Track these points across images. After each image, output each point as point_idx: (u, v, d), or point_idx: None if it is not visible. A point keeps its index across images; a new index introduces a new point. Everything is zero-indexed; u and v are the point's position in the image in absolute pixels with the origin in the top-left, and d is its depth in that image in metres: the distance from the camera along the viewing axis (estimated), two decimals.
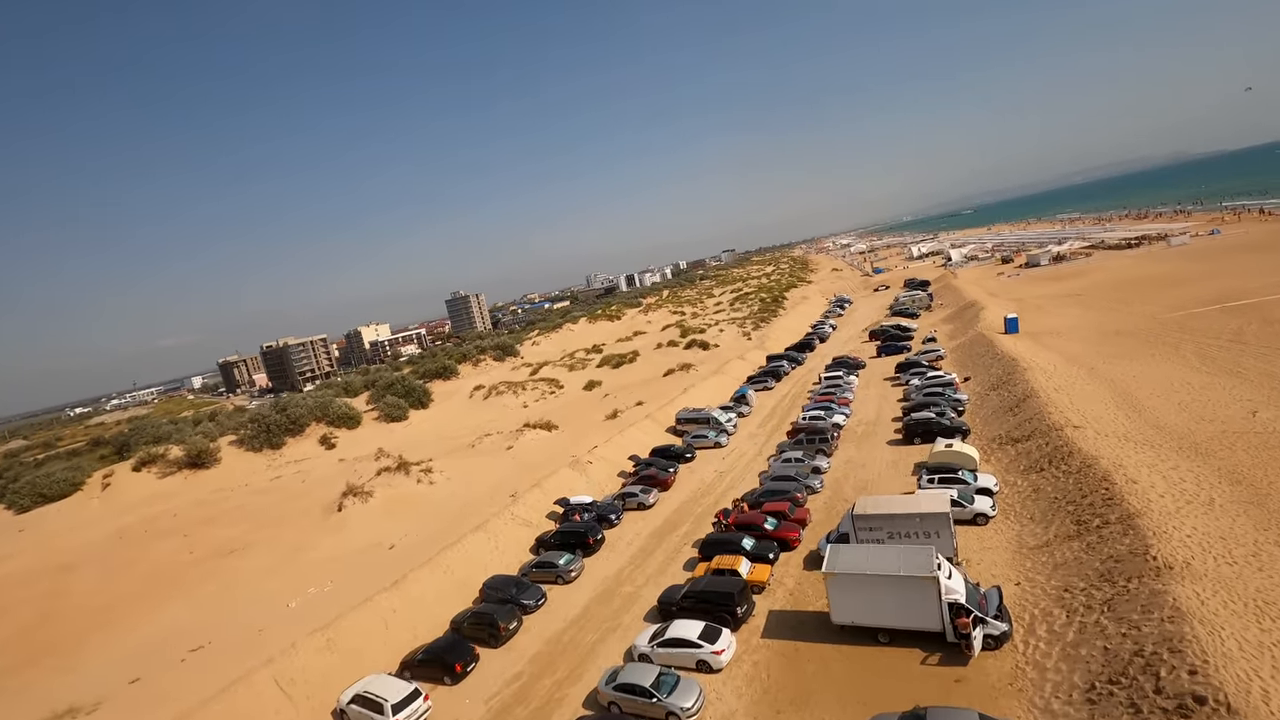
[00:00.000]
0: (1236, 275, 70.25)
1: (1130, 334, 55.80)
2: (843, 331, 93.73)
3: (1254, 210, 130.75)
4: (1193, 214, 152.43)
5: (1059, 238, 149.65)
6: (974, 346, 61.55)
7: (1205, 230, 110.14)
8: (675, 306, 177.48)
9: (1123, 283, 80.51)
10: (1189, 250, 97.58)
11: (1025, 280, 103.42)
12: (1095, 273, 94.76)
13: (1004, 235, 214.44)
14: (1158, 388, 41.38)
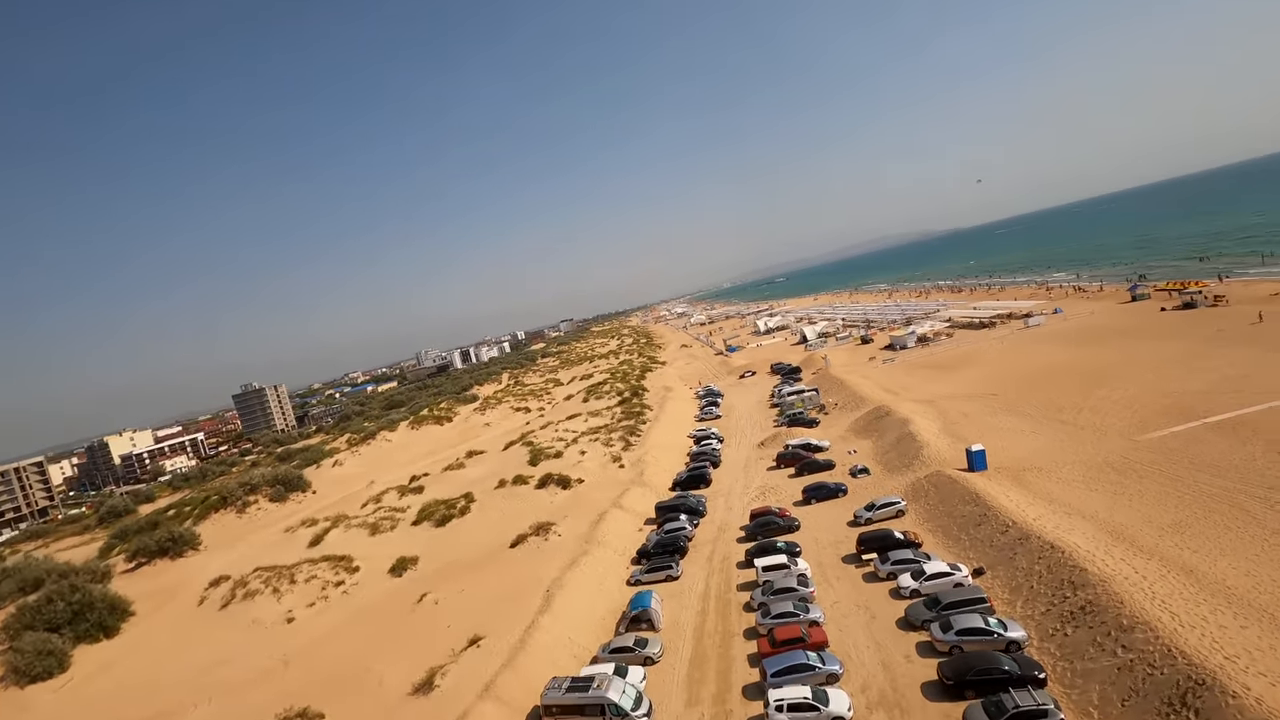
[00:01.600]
0: (1151, 369, 63.39)
1: (1133, 472, 42.72)
2: (734, 446, 75.98)
3: (1068, 286, 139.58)
4: (1007, 288, 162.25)
5: (904, 313, 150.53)
6: (942, 496, 45.33)
7: (1049, 309, 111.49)
8: (518, 400, 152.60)
9: (1029, 377, 71.95)
10: (1052, 333, 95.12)
11: (905, 369, 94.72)
12: (979, 360, 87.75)
13: (836, 308, 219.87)
14: None
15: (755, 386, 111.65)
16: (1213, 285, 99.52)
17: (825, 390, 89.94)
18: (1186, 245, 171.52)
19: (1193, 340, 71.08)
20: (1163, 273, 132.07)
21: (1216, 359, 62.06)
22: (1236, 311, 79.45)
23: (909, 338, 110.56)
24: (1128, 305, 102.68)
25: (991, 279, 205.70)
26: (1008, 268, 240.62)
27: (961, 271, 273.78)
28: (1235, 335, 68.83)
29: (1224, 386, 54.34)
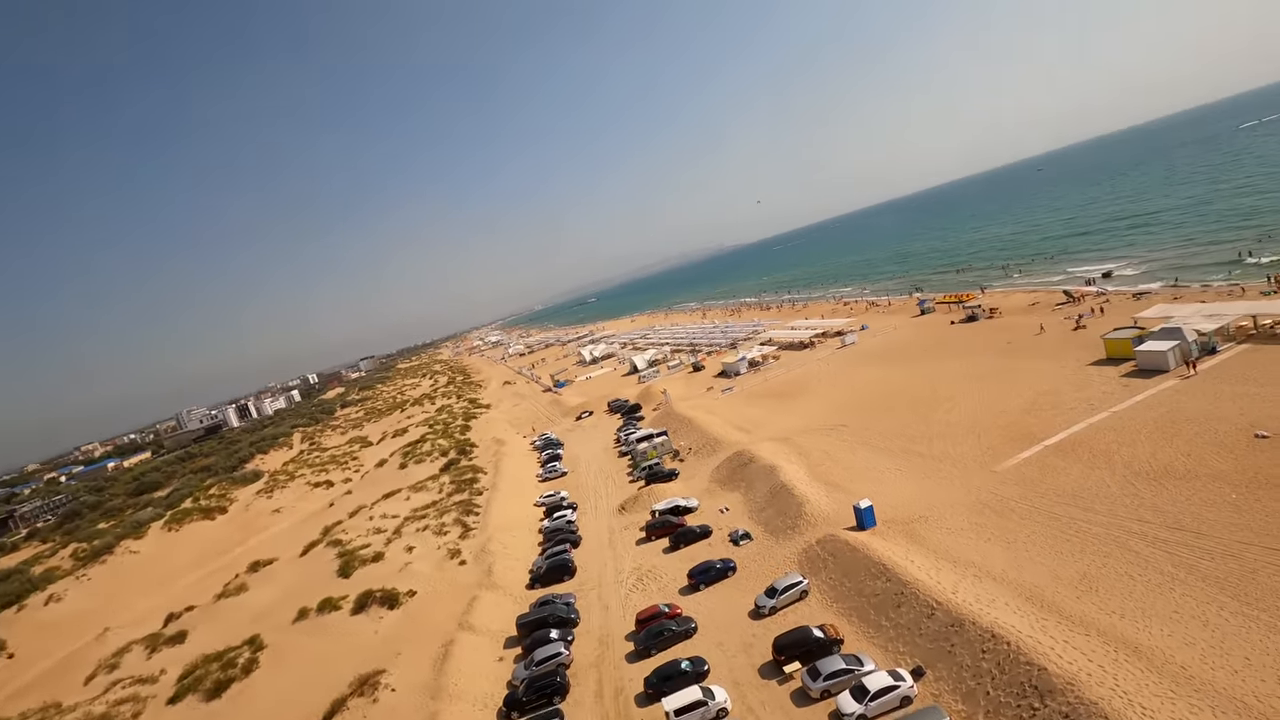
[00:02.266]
0: (972, 388, 67.41)
1: (1011, 513, 42.10)
2: (591, 514, 67.29)
3: (863, 301, 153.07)
4: (810, 304, 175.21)
5: (725, 334, 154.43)
6: (844, 569, 41.04)
7: (857, 325, 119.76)
8: (316, 472, 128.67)
9: (868, 403, 73.49)
10: (867, 351, 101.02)
11: (746, 399, 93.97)
12: (814, 385, 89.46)
13: (658, 330, 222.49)
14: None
15: (596, 430, 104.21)
16: (980, 297, 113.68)
17: (673, 430, 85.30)
18: (938, 259, 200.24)
19: (992, 355, 77.98)
20: (932, 285, 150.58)
21: (1022, 373, 67.62)
22: (1012, 324, 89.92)
23: (741, 364, 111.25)
24: (920, 319, 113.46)
25: (791, 294, 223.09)
26: (798, 283, 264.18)
27: (760, 288, 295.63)
28: (1025, 348, 76.64)
29: (1041, 403, 58.32)
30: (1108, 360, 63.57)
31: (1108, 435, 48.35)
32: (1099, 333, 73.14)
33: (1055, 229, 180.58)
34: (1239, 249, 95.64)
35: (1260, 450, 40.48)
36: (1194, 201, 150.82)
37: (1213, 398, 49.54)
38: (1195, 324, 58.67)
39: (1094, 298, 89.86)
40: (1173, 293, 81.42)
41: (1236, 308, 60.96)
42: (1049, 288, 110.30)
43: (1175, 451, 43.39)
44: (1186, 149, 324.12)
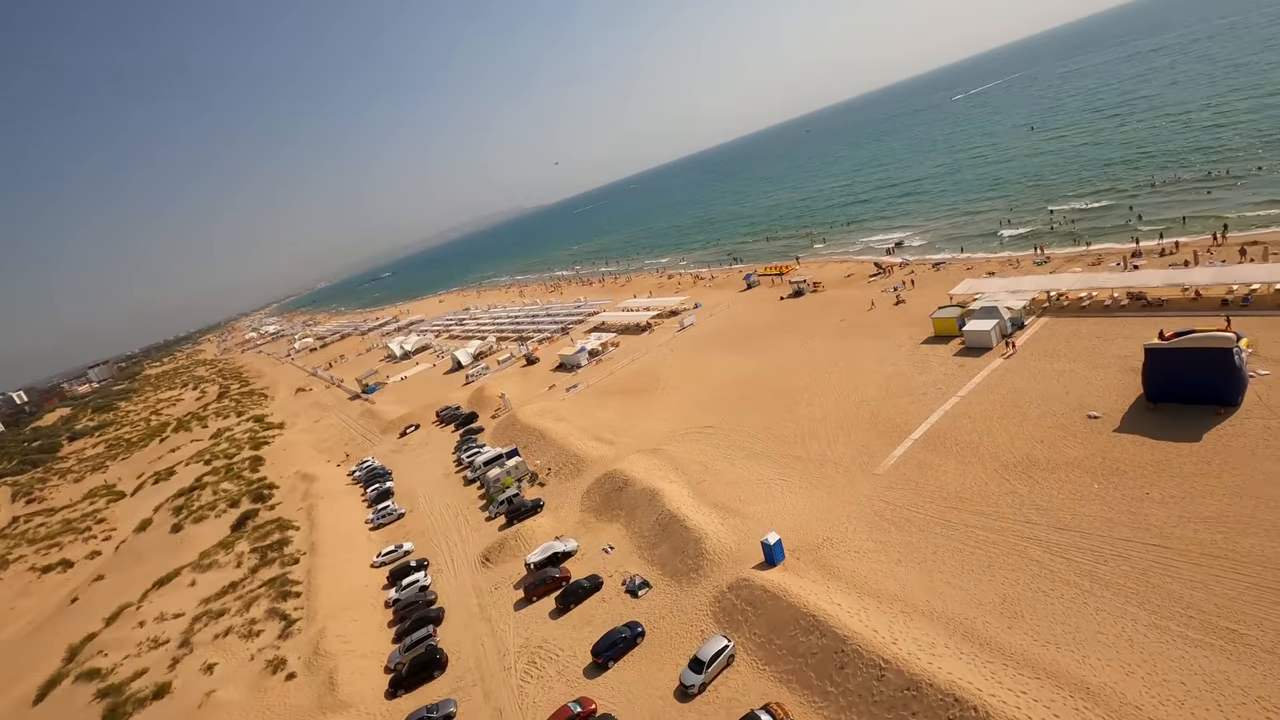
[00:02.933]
0: (824, 375, 68.79)
1: (910, 525, 41.90)
2: (450, 572, 57.27)
3: (687, 274, 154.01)
4: (634, 278, 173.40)
5: (551, 316, 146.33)
6: (768, 621, 37.52)
7: (690, 304, 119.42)
8: (41, 549, 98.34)
9: (727, 398, 71.95)
10: (709, 334, 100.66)
11: (596, 397, 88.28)
12: (665, 379, 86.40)
13: (475, 312, 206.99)
14: None
15: (428, 449, 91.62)
16: (798, 269, 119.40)
17: (523, 446, 77.03)
18: (742, 225, 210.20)
19: (831, 335, 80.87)
20: (747, 254, 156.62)
21: (865, 356, 70.36)
22: (838, 300, 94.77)
23: (580, 355, 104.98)
24: (748, 294, 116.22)
25: (610, 266, 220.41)
26: (610, 252, 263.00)
27: (574, 258, 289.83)
28: (859, 326, 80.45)
29: (893, 388, 60.58)
30: (936, 338, 68.24)
31: (965, 425, 50.77)
32: (918, 307, 78.99)
33: (838, 195, 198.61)
34: (998, 219, 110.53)
35: (1097, 433, 44.44)
36: (945, 170, 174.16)
37: (1037, 376, 54.42)
38: (1006, 301, 64.60)
39: (901, 269, 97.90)
40: (964, 263, 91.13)
41: (1032, 282, 68.55)
42: (852, 257, 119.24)
43: (1029, 439, 46.38)
44: (921, 116, 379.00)
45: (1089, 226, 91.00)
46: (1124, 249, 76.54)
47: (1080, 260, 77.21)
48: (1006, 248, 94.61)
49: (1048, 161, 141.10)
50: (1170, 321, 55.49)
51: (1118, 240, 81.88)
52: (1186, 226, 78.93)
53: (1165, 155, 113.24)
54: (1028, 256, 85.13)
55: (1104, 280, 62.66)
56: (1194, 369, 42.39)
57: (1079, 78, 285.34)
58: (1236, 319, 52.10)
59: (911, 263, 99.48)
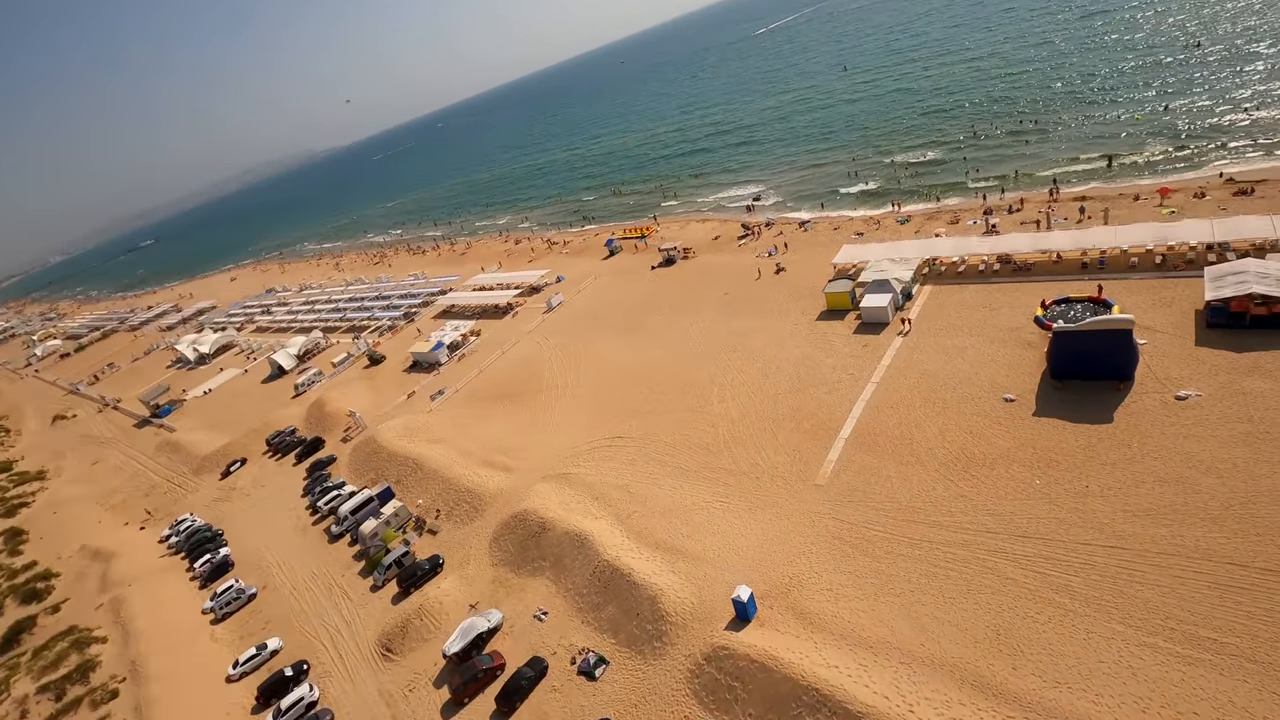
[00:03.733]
0: (728, 362, 65.52)
1: (875, 549, 40.09)
2: (338, 677, 46.57)
3: (537, 236, 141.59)
4: (473, 244, 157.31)
5: (384, 296, 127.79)
6: (759, 694, 33.47)
7: (552, 277, 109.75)
8: None
9: (626, 398, 66.14)
10: (583, 315, 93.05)
11: (469, 405, 77.72)
12: (544, 374, 78.04)
13: (284, 294, 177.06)
14: None
15: (265, 493, 75.57)
16: (658, 230, 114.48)
17: (398, 481, 65.76)
18: (579, 176, 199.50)
19: (718, 312, 77.51)
20: (595, 211, 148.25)
21: (762, 338, 67.93)
22: (714, 268, 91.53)
23: (439, 352, 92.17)
24: (613, 262, 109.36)
25: (440, 228, 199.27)
26: (433, 210, 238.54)
27: (389, 219, 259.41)
28: (746, 301, 77.84)
29: (805, 378, 58.75)
30: (830, 313, 67.50)
31: (890, 418, 50.04)
32: (800, 276, 78.11)
33: (673, 142, 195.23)
34: (843, 171, 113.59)
35: (1017, 418, 45.56)
36: (775, 116, 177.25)
37: (941, 354, 55.26)
38: (893, 271, 65.03)
39: (767, 229, 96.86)
40: (830, 223, 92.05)
41: (910, 249, 69.85)
42: (712, 215, 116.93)
43: (957, 430, 46.55)
44: (732, 51, 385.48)
45: (932, 182, 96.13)
46: (974, 205, 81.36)
47: (939, 218, 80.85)
48: (861, 204, 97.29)
49: (868, 109, 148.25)
50: (1042, 288, 59.04)
51: (963, 196, 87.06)
52: (1019, 181, 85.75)
53: (974, 106, 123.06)
54: (888, 215, 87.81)
55: (976, 246, 65.16)
56: (1097, 348, 44.43)
57: (872, 14, 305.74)
58: (1097, 282, 56.47)
59: (776, 222, 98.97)
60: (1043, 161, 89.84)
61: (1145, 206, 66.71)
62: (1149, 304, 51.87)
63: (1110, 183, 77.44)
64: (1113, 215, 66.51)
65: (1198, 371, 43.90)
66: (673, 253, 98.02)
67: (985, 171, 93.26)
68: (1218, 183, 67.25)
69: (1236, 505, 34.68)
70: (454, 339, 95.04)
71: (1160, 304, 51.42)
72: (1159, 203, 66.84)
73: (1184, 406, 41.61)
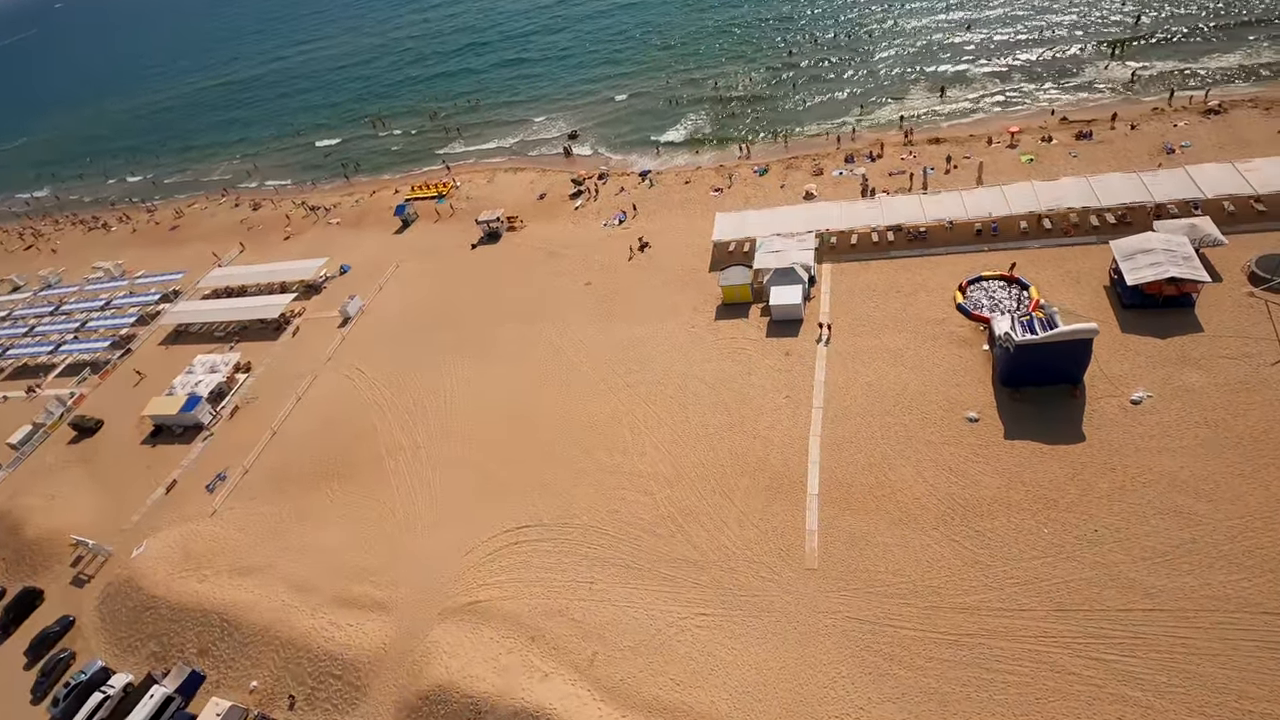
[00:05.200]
0: (613, 391, 53.85)
1: (914, 658, 34.37)
2: None
3: (286, 200, 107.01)
4: (186, 215, 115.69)
5: (78, 315, 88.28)
6: None
7: (333, 268, 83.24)
8: None
9: (512, 456, 51.59)
10: (392, 326, 72.08)
11: (272, 495, 56.05)
12: (385, 428, 58.74)
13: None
14: None
15: None
16: (460, 188, 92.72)
17: (206, 654, 45.28)
18: (307, 107, 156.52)
19: (587, 313, 63.65)
20: (364, 160, 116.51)
21: (660, 350, 56.66)
22: (554, 241, 75.23)
23: (194, 409, 65.07)
24: (409, 237, 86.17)
25: (115, 184, 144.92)
26: (98, 149, 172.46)
27: (26, 170, 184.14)
28: (618, 294, 64.67)
29: (735, 406, 49.70)
30: (729, 308, 58.27)
31: (856, 459, 43.78)
32: (669, 254, 67.06)
33: (425, 53, 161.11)
34: (662, 102, 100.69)
35: (990, 443, 42.13)
36: (547, 22, 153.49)
37: (876, 359, 49.83)
38: (791, 253, 57.18)
39: (601, 184, 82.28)
40: (676, 174, 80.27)
41: (795, 217, 61.99)
42: (525, 164, 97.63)
43: (934, 466, 41.85)
44: None
45: (768, 118, 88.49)
46: (829, 150, 75.85)
47: (797, 167, 74.13)
48: (703, 148, 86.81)
49: (662, 16, 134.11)
50: (945, 263, 55.94)
51: (810, 139, 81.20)
52: (862, 119, 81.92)
53: (775, 21, 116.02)
54: (740, 164, 78.82)
55: (866, 214, 59.70)
56: (1056, 356, 41.88)
57: None
58: (1000, 254, 54.70)
59: (611, 174, 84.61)
60: (877, 91, 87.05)
61: (1002, 153, 66.47)
62: (1058, 279, 51.15)
63: (953, 121, 76.90)
64: (976, 163, 65.31)
65: (1136, 365, 43.75)
66: (495, 224, 79.22)
67: (816, 103, 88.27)
68: (1054, 122, 69.29)
69: (1238, 535, 34.58)
70: (214, 382, 67.97)
71: (1068, 279, 50.91)
72: (1010, 143, 67.13)
73: (1141, 412, 41.12)
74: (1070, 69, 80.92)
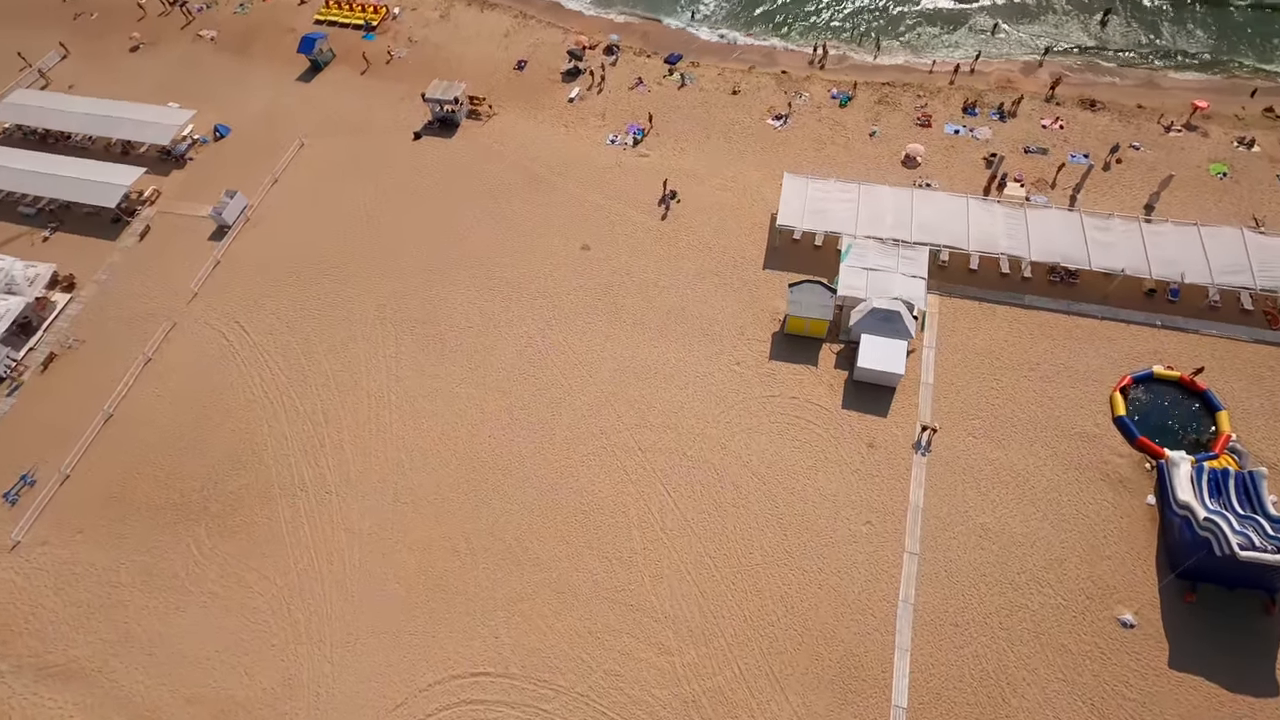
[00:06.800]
0: (534, 406, 37.88)
1: None
2: None
3: None
4: None
5: None
6: None
7: (210, 134, 56.23)
8: None
9: (423, 549, 36.07)
10: (293, 255, 49.81)
11: (118, 535, 38.63)
12: (244, 435, 40.57)
13: None
14: None
15: None
16: (404, 22, 63.61)
17: None
18: None
19: (583, 296, 44.14)
20: None
21: (687, 399, 39.70)
22: (544, 154, 51.87)
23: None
24: (316, 90, 58.70)
25: None
26: None
27: None
28: (630, 276, 44.83)
29: (792, 527, 35.35)
30: (790, 339, 40.99)
31: (960, 657, 31.36)
32: (710, 218, 46.90)
33: None
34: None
35: (1152, 669, 30.42)
36: None
37: (995, 487, 35.34)
38: (895, 283, 39.37)
39: (609, 60, 56.96)
40: (721, 64, 55.63)
41: (896, 203, 42.36)
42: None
43: (1068, 695, 30.21)
44: None
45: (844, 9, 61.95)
46: (937, 84, 53.45)
47: (896, 103, 51.95)
48: (761, 26, 60.78)
49: None
50: (1100, 331, 39.93)
51: (909, 51, 57.56)
52: (981, 38, 58.26)
53: None
54: (814, 77, 54.95)
55: (1009, 237, 41.27)
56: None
57: None
58: (1170, 337, 39.22)
59: (621, 47, 58.63)
60: None
61: (1183, 147, 47.47)
62: (1262, 399, 36.85)
63: (1120, 73, 54.97)
64: (1154, 164, 46.37)
65: None
66: (451, 106, 53.94)
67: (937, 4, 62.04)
68: (1255, 109, 49.89)
69: None
70: (15, 309, 45.50)
71: (1274, 401, 36.73)
72: (1188, 121, 48.20)
73: None
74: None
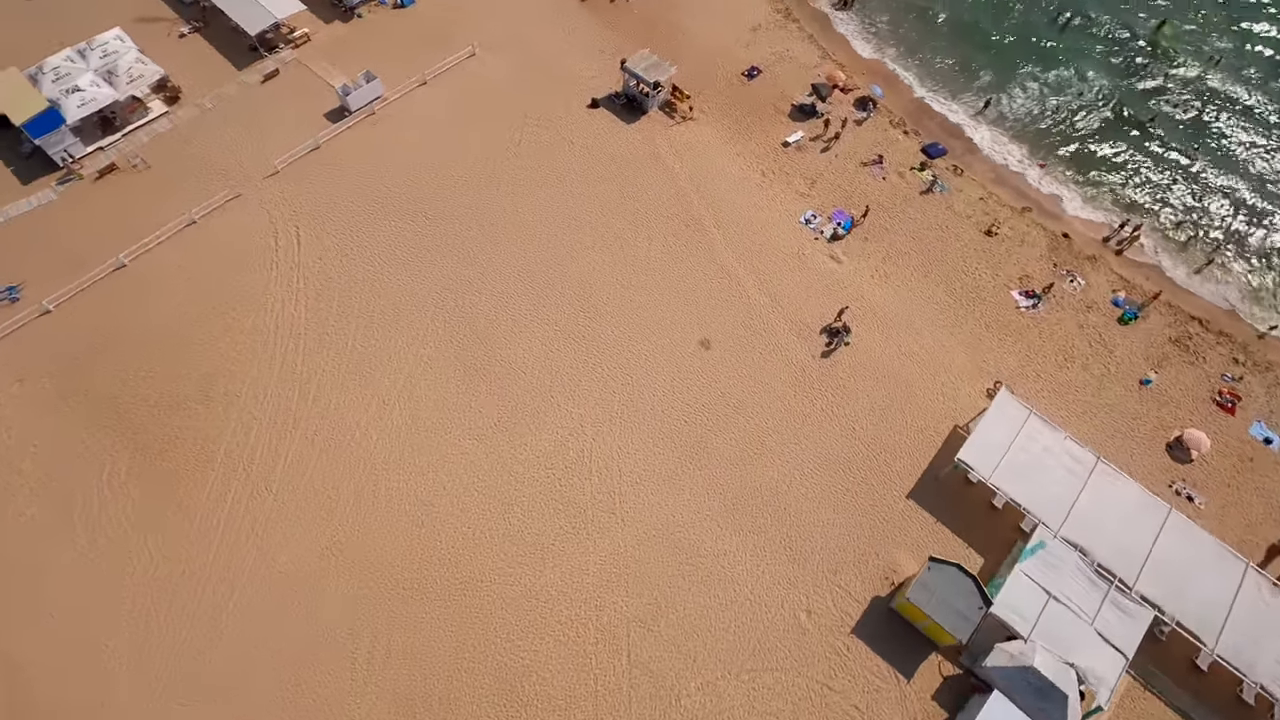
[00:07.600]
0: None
1: None
2: None
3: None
4: None
5: None
6: None
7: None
8: None
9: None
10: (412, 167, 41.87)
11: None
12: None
13: None
14: None
15: None
16: None
17: None
18: None
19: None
20: None
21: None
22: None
23: (55, 133, 38.47)
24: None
25: None
26: None
27: None
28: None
29: None
30: (891, 617, 28.88)
31: None
32: (851, 390, 34.57)
33: None
34: None
35: None
36: None
37: None
38: (1083, 648, 26.07)
39: (857, 123, 44.03)
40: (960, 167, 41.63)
41: (1106, 492, 28.83)
42: None
43: None
44: None
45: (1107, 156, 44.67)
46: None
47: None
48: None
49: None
50: None
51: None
52: None
53: None
54: (1104, 231, 39.97)
55: (1268, 666, 26.59)
56: None
57: None
58: None
59: (875, 103, 45.29)
60: None
61: None
62: None
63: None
64: None
65: None
66: (649, 90, 42.92)
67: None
68: None
69: None
70: (107, 99, 40.16)
71: None
72: None
73: None
74: None
